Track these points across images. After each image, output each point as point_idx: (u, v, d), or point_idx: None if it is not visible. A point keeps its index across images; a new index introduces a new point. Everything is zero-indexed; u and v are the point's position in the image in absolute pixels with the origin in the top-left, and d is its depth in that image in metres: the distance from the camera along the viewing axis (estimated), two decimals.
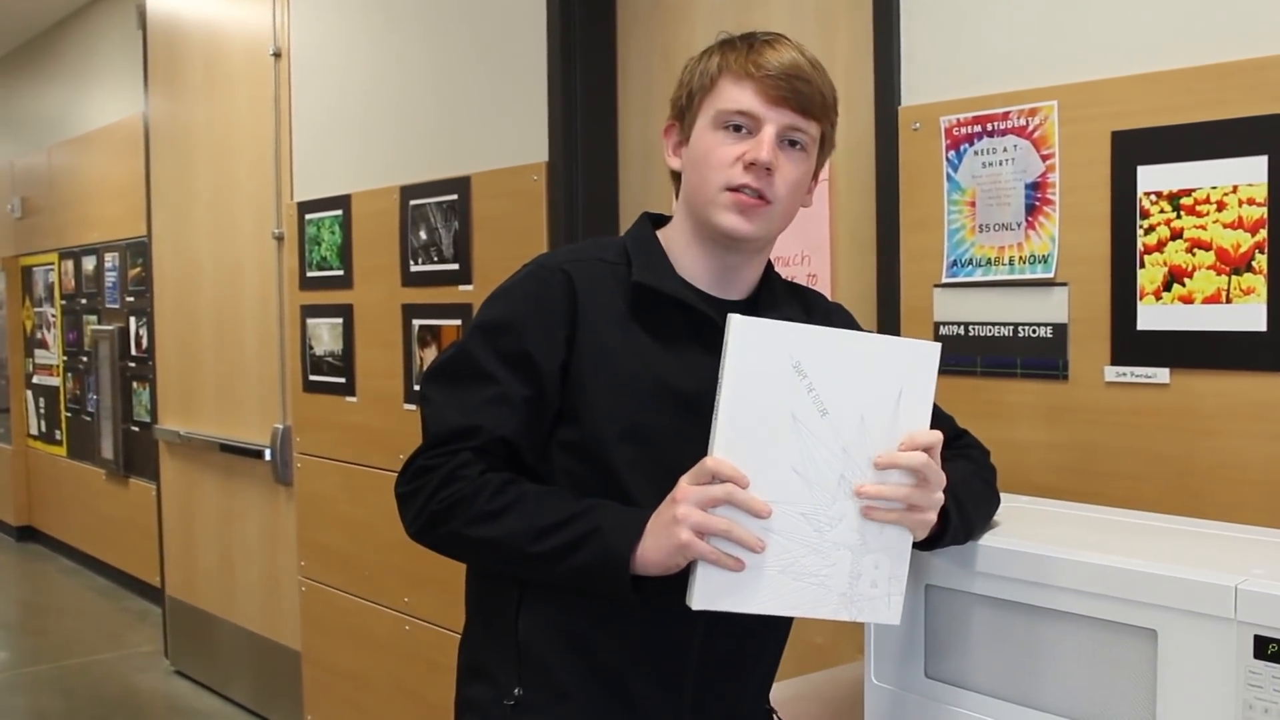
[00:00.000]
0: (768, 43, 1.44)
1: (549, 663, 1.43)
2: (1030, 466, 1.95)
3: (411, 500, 1.42)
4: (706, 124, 1.44)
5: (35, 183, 7.55)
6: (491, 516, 1.36)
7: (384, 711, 3.63)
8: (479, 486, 1.37)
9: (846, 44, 2.35)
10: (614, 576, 1.31)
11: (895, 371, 1.31)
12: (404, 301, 3.45)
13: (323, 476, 3.88)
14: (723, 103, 1.42)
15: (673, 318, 1.44)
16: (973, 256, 2.03)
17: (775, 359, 1.27)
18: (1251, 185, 1.68)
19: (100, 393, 6.52)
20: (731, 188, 1.41)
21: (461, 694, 1.53)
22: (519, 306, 1.43)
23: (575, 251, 1.51)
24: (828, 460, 1.29)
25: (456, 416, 1.40)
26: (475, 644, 1.53)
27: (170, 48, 4.84)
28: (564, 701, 1.43)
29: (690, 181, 1.46)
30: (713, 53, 1.46)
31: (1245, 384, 1.71)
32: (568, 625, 1.43)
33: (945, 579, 1.48)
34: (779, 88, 1.40)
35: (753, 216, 1.42)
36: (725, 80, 1.42)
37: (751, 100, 1.41)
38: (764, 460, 1.27)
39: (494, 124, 3.16)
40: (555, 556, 1.33)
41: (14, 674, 5.16)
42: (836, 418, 1.29)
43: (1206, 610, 1.23)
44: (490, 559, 1.42)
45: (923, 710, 1.51)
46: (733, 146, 1.41)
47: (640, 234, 1.51)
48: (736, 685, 1.52)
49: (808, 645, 2.37)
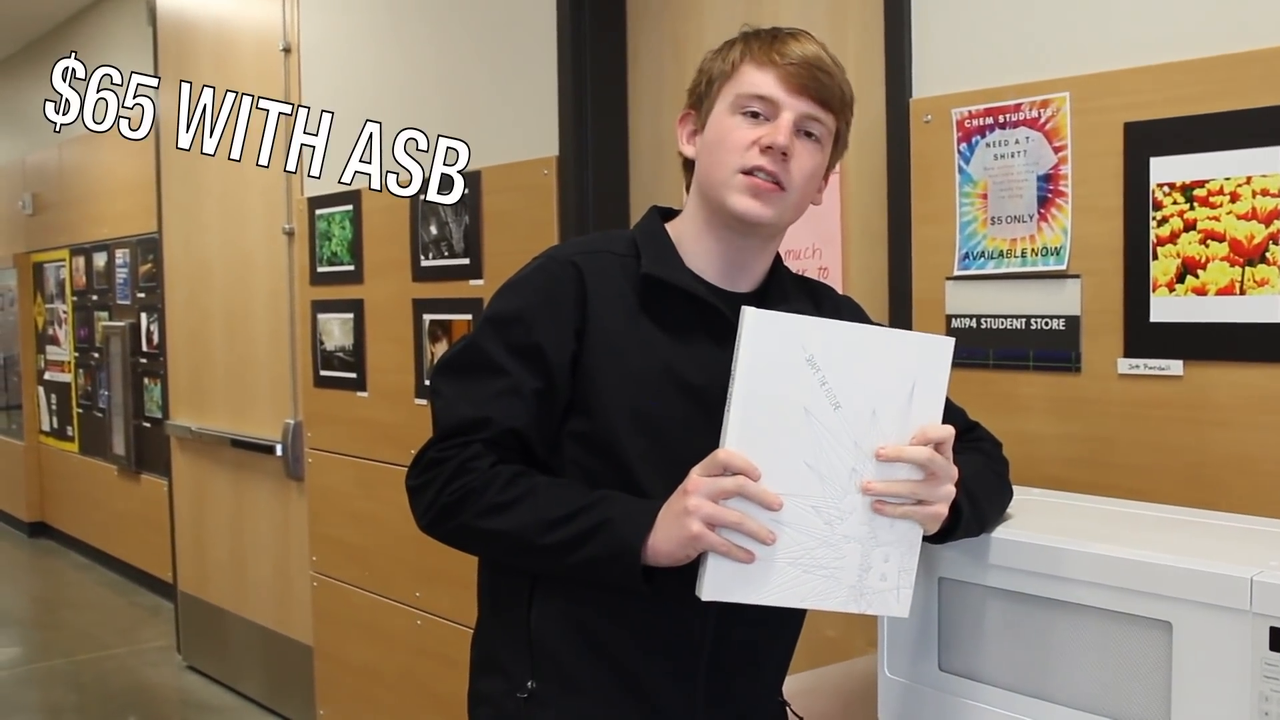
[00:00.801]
0: (792, 35, 1.44)
1: (561, 655, 1.43)
2: (1043, 459, 1.95)
3: (422, 492, 1.42)
4: (725, 109, 1.44)
5: (46, 179, 7.57)
6: (502, 508, 1.36)
7: (396, 706, 3.64)
8: (490, 478, 1.37)
9: (858, 36, 2.34)
10: (626, 568, 1.31)
11: (908, 366, 1.30)
12: (415, 296, 3.45)
13: (334, 471, 3.88)
14: (743, 87, 1.42)
15: (682, 310, 1.44)
16: (985, 249, 2.02)
17: (789, 352, 1.27)
18: (1265, 176, 1.67)
19: (112, 389, 6.54)
20: (746, 170, 1.41)
21: (474, 687, 1.54)
22: (529, 299, 1.43)
23: (585, 244, 1.51)
24: (839, 454, 1.29)
25: (467, 409, 1.40)
26: (487, 637, 1.53)
27: (180, 43, 4.85)
28: (577, 693, 1.43)
29: (704, 165, 1.46)
30: (735, 43, 1.47)
31: (1259, 375, 1.70)
32: (580, 617, 1.43)
33: (959, 572, 1.48)
34: (800, 76, 1.41)
35: (767, 201, 1.41)
36: (746, 66, 1.43)
37: (772, 86, 1.41)
38: (776, 452, 1.27)
39: (504, 118, 3.16)
40: (565, 548, 1.33)
41: (27, 669, 5.18)
42: (849, 411, 1.28)
43: (1222, 602, 1.23)
44: (500, 551, 1.42)
45: (936, 703, 1.51)
46: (749, 130, 1.41)
47: (650, 227, 1.51)
48: (750, 677, 1.52)
49: (820, 638, 2.37)
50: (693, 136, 1.50)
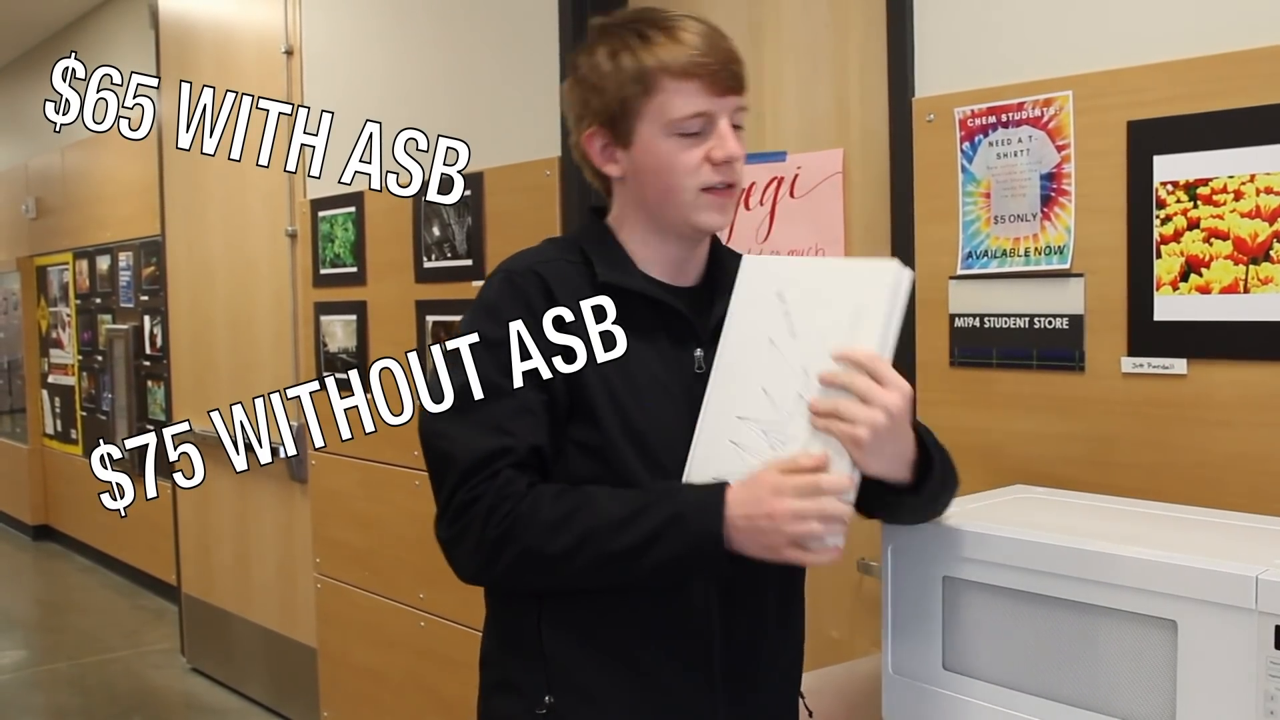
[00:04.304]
0: (679, 27, 1.41)
1: (576, 667, 1.41)
2: (1047, 458, 1.94)
3: (462, 540, 1.34)
4: (656, 132, 1.40)
5: (49, 183, 7.58)
6: (560, 524, 1.30)
7: (400, 707, 3.64)
8: (535, 498, 1.31)
9: (860, 36, 2.34)
10: (709, 558, 1.29)
11: (853, 292, 1.31)
12: (417, 298, 3.45)
13: (337, 473, 3.88)
14: (674, 111, 1.39)
15: (641, 312, 1.43)
16: (988, 248, 2.02)
17: (764, 289, 1.36)
18: (1269, 174, 1.67)
19: (115, 392, 6.55)
20: (706, 188, 1.41)
21: (487, 708, 1.51)
22: (510, 316, 1.39)
23: (538, 254, 1.48)
24: (788, 379, 1.32)
25: (484, 439, 1.34)
26: (498, 657, 1.50)
27: (182, 47, 4.85)
28: (595, 704, 1.41)
29: (652, 189, 1.43)
30: (623, 50, 1.41)
31: (1264, 374, 1.69)
32: (591, 627, 1.41)
33: (963, 571, 1.47)
34: (724, 79, 1.39)
35: (727, 207, 1.44)
36: (666, 82, 1.39)
37: (702, 99, 1.39)
38: (741, 380, 1.35)
39: (506, 119, 3.16)
40: (640, 550, 1.29)
41: (32, 672, 5.18)
42: (803, 339, 1.33)
43: (1227, 601, 1.22)
44: (570, 572, 1.33)
45: (941, 702, 1.50)
46: (694, 150, 1.40)
47: (596, 234, 1.49)
48: (766, 672, 1.50)
49: (825, 639, 2.37)
50: (610, 152, 1.45)
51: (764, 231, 2.51)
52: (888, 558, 1.56)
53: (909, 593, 1.54)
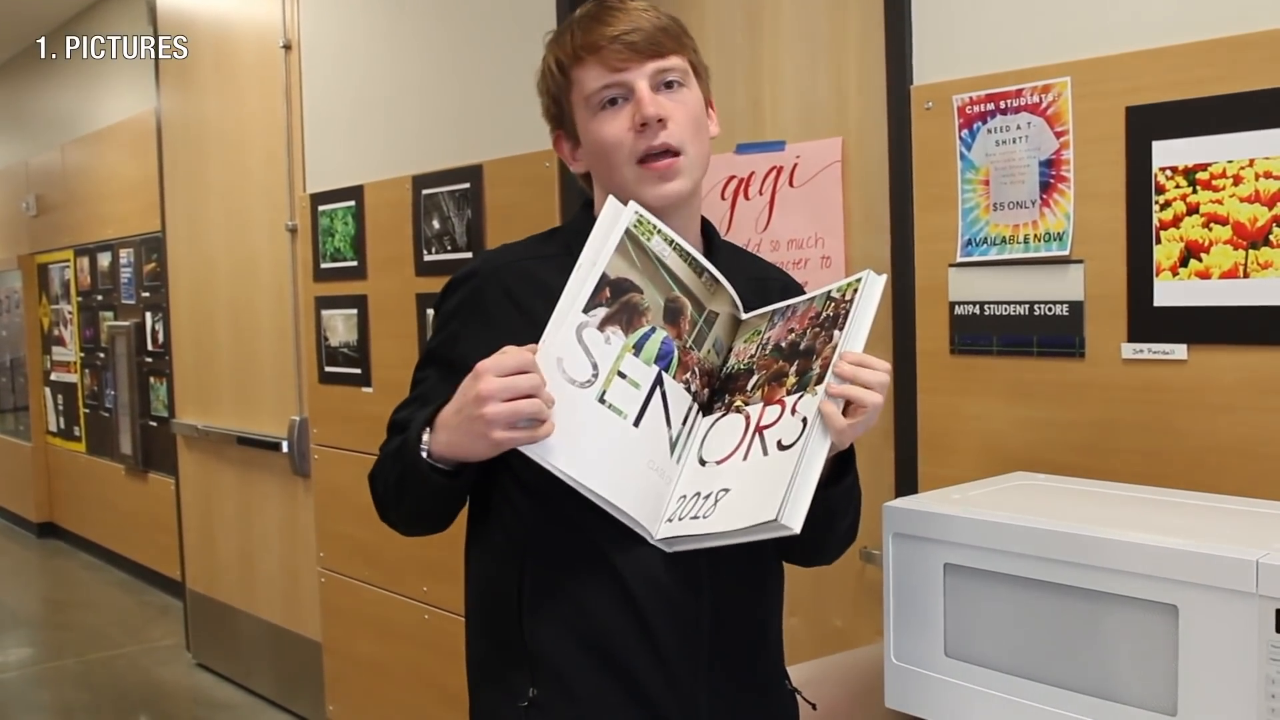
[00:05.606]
0: (595, 16, 1.43)
1: (558, 658, 1.41)
2: (1048, 444, 1.94)
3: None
4: (585, 116, 1.44)
5: (49, 181, 7.58)
6: (380, 467, 1.48)
7: (405, 700, 3.65)
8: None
9: (858, 23, 2.33)
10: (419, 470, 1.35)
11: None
12: (418, 291, 3.45)
13: (340, 467, 3.89)
14: (587, 88, 1.42)
15: None
16: (987, 235, 2.02)
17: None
18: (1268, 159, 1.67)
19: (118, 388, 6.55)
20: (639, 159, 1.40)
21: (474, 703, 1.54)
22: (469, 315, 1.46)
23: (508, 252, 1.52)
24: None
25: (401, 410, 1.50)
26: (481, 652, 1.53)
27: (180, 41, 4.85)
28: (576, 696, 1.41)
29: (602, 173, 1.46)
30: (552, 52, 1.47)
31: (1263, 359, 1.69)
32: (570, 617, 1.40)
33: (964, 558, 1.48)
34: (631, 45, 1.40)
35: (672, 176, 1.41)
36: (575, 70, 1.43)
37: (609, 73, 1.40)
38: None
39: (505, 111, 3.16)
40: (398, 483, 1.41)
41: (38, 669, 5.20)
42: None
43: (1228, 585, 1.23)
44: (396, 509, 1.48)
45: (943, 689, 1.51)
46: (618, 120, 1.41)
47: (579, 222, 1.50)
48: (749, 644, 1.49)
49: (828, 628, 2.37)
50: (575, 153, 1.50)
51: (763, 221, 2.51)
52: (889, 545, 1.57)
53: (910, 580, 1.54)
